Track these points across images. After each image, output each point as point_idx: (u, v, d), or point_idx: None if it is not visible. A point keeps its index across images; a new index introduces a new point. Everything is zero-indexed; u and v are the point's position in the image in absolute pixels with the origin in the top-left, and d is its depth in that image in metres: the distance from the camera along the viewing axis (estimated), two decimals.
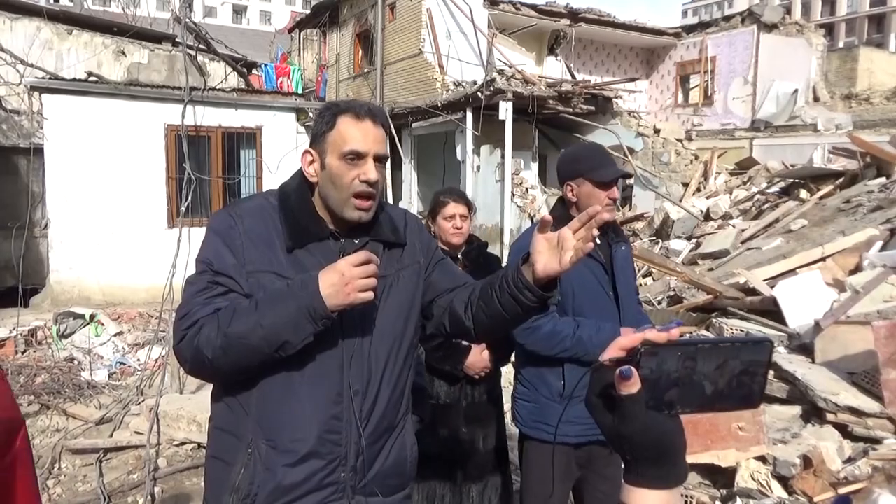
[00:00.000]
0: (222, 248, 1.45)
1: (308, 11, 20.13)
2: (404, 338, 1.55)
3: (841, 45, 41.80)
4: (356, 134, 1.45)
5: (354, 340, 1.47)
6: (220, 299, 1.41)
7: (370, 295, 1.35)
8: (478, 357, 2.59)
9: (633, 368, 0.67)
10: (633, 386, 0.68)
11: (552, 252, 1.31)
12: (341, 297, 1.33)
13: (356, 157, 1.44)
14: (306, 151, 1.52)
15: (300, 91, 14.85)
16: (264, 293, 1.39)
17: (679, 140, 13.99)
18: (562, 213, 2.34)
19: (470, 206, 2.74)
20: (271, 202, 1.53)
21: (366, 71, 15.91)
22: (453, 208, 2.66)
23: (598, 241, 2.32)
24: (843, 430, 3.71)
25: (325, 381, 1.44)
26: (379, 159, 1.48)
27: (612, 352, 0.72)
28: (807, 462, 3.34)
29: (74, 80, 9.30)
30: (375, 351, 1.49)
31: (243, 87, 11.54)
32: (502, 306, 1.42)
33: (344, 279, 1.32)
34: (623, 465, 0.72)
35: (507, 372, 2.88)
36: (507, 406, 3.08)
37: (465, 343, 2.60)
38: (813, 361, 4.34)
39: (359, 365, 1.47)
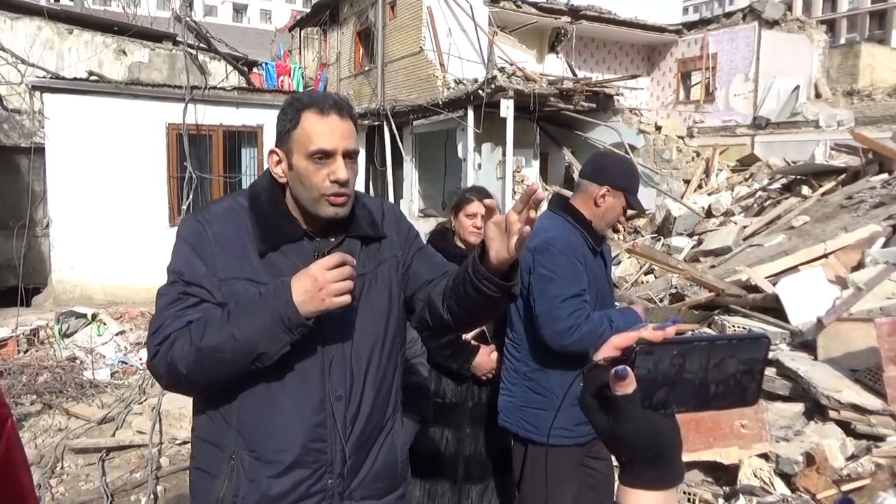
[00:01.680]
0: (192, 256, 1.39)
1: (308, 10, 20.12)
2: (387, 336, 1.50)
3: (842, 41, 41.69)
4: (322, 130, 1.36)
5: (335, 344, 1.41)
6: (192, 311, 1.35)
7: (346, 299, 1.29)
8: (486, 358, 2.57)
9: (628, 368, 0.66)
10: (628, 386, 0.66)
11: (502, 238, 1.25)
12: (316, 303, 1.27)
13: (324, 156, 1.36)
14: (272, 151, 1.44)
15: (301, 89, 14.84)
16: (237, 302, 1.33)
17: (680, 137, 13.98)
18: (561, 203, 2.37)
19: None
20: (241, 203, 1.46)
21: (366, 69, 15.90)
22: (477, 207, 2.63)
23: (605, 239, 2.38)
24: (845, 427, 3.70)
25: (307, 388, 1.39)
26: (348, 155, 1.39)
27: (607, 351, 0.70)
28: (809, 459, 3.33)
29: (75, 79, 9.29)
30: (357, 353, 1.44)
31: (244, 85, 11.53)
32: (468, 298, 1.36)
33: (317, 284, 1.26)
34: (619, 466, 0.71)
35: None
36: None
37: (473, 343, 2.59)
38: (815, 359, 4.33)
39: (340, 369, 1.41)
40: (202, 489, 1.44)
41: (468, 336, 2.58)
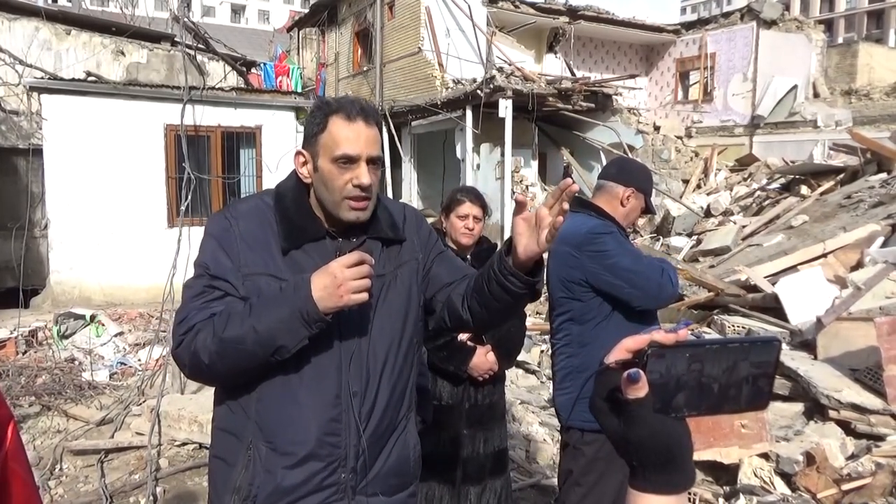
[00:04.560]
0: (219, 251, 1.44)
1: (306, 10, 20.10)
2: (403, 336, 1.53)
3: (840, 40, 41.73)
4: (348, 136, 1.41)
5: (352, 341, 1.45)
6: (216, 303, 1.40)
7: (364, 296, 1.33)
8: (483, 359, 2.56)
9: (640, 371, 0.65)
10: (640, 389, 0.65)
11: (531, 233, 1.29)
12: (334, 299, 1.31)
13: (348, 161, 1.41)
14: (298, 153, 1.50)
15: (300, 90, 14.82)
16: (259, 297, 1.38)
17: (679, 137, 14.00)
18: (581, 202, 2.44)
19: (485, 208, 2.73)
20: (267, 202, 1.51)
21: (365, 69, 15.89)
22: (468, 208, 2.64)
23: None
24: (845, 426, 3.70)
25: (324, 382, 1.43)
26: (372, 161, 1.43)
27: (618, 353, 0.69)
28: (810, 459, 3.33)
29: (73, 80, 9.26)
30: (374, 351, 1.47)
31: (242, 86, 11.50)
32: (492, 295, 1.39)
33: (336, 281, 1.30)
34: (629, 471, 0.70)
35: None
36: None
37: (470, 344, 2.58)
38: (815, 358, 4.33)
39: (357, 366, 1.45)
40: (220, 477, 1.49)
41: (464, 337, 2.57)
